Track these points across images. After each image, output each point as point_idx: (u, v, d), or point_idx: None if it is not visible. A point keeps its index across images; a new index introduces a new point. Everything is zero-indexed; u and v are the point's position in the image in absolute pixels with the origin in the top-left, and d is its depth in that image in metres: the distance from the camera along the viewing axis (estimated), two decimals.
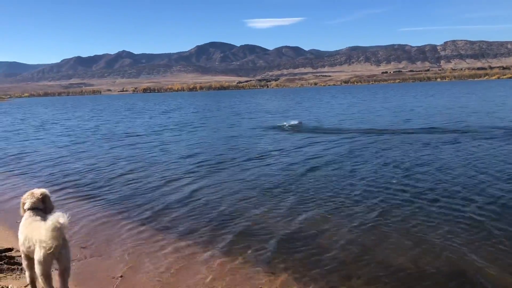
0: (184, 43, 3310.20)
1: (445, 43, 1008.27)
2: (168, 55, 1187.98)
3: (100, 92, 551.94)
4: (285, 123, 25.73)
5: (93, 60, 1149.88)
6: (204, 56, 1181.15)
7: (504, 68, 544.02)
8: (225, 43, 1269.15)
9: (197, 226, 7.78)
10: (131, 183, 11.47)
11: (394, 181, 10.68)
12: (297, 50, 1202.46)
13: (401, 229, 7.29)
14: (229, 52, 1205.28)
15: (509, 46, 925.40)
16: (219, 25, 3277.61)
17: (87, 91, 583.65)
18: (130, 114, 49.47)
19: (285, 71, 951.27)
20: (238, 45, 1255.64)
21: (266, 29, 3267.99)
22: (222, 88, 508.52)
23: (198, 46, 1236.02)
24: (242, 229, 7.50)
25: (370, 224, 7.56)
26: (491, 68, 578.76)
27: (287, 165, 13.48)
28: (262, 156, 15.47)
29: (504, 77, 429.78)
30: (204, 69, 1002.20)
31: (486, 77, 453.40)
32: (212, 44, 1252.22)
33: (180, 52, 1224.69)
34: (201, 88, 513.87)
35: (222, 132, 25.18)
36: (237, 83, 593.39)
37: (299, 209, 8.60)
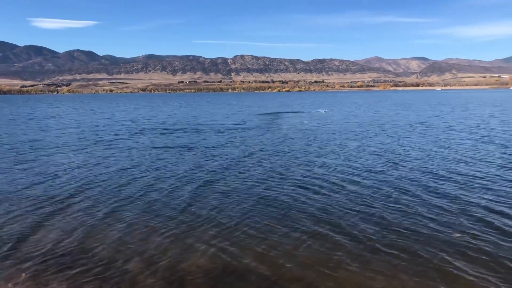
0: None
1: (235, 57, 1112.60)
2: None
3: None
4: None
5: None
6: None
7: (283, 82, 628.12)
8: (4, 42, 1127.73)
9: None
10: None
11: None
12: (90, 55, 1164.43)
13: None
14: (10, 52, 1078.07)
15: (286, 63, 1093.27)
16: None
17: None
18: None
19: (78, 76, 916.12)
20: (22, 45, 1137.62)
21: (55, 30, 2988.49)
22: (1, 92, 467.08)
23: None
24: None
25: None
26: (273, 81, 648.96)
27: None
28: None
29: (283, 90, 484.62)
30: None
31: (269, 89, 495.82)
32: None
33: None
34: None
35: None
36: (20, 87, 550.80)
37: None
